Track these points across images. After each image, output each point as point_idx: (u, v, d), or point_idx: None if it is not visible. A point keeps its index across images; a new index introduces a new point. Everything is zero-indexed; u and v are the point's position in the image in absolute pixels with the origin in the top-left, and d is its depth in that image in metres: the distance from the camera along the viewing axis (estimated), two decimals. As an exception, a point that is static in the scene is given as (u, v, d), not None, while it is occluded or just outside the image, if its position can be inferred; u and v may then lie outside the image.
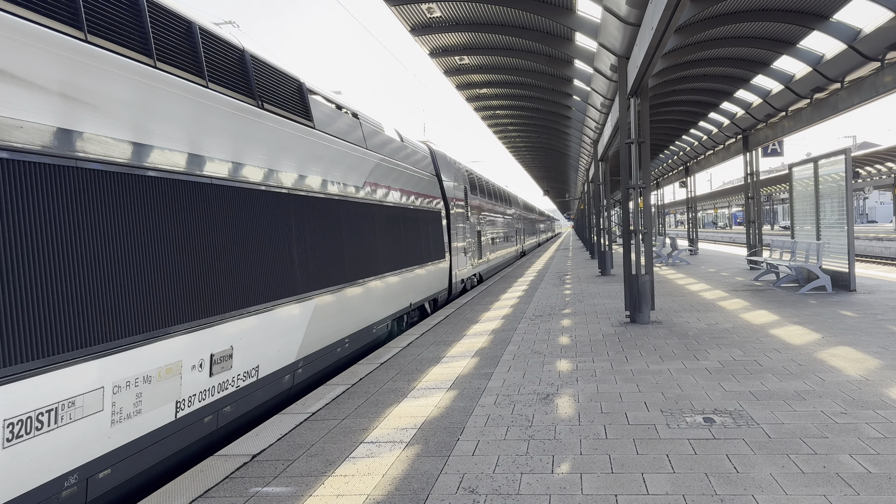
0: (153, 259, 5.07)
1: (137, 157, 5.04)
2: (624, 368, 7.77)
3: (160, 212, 5.23)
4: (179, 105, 5.70)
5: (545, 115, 24.70)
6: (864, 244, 40.66)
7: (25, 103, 4.03)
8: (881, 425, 5.25)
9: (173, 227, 5.37)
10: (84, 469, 4.28)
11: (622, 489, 4.24)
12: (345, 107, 10.56)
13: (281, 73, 8.25)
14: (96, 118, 4.66)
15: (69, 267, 4.21)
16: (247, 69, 7.28)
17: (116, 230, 4.71)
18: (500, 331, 11.00)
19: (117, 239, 4.71)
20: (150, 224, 5.09)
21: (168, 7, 5.99)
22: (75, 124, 4.43)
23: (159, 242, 5.18)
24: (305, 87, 8.91)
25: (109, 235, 4.63)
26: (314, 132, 8.69)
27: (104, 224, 4.58)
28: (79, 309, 4.26)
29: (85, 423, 4.29)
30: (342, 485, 4.54)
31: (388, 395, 7.02)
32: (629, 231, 11.92)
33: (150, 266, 5.05)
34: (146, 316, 4.94)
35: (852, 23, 12.66)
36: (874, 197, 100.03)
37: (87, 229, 4.41)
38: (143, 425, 4.92)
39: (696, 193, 34.35)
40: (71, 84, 4.46)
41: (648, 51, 9.22)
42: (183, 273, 5.44)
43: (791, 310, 11.83)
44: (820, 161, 15.22)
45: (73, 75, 4.51)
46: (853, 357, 7.78)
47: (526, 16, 13.60)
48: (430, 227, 14.79)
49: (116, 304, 4.61)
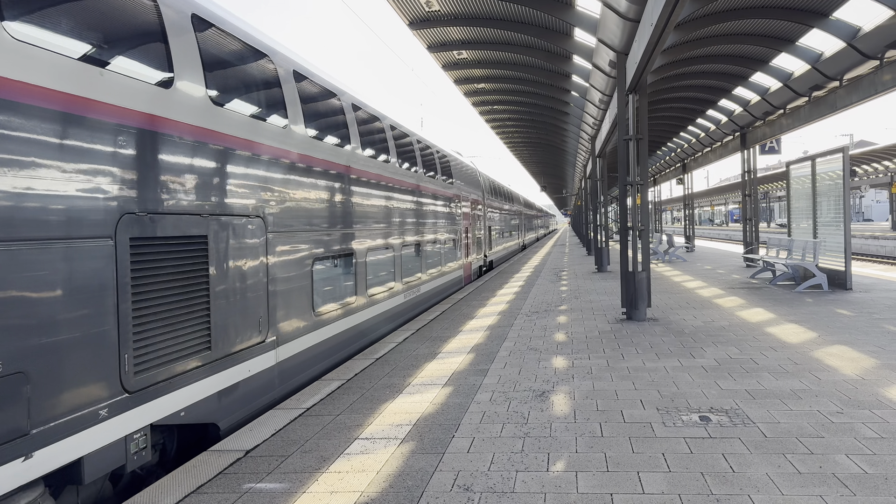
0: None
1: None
2: (620, 366, 7.75)
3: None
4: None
5: (543, 110, 24.65)
6: (860, 242, 40.74)
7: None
8: (877, 425, 5.24)
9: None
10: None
11: (617, 488, 4.22)
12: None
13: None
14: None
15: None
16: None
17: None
18: (497, 327, 10.98)
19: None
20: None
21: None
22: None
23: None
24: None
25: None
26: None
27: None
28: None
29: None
30: (336, 481, 4.51)
31: (383, 392, 6.99)
32: (626, 227, 11.89)
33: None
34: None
35: (852, 21, 12.63)
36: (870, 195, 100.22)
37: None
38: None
39: (693, 190, 34.35)
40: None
41: (648, 47, 9.18)
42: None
43: (787, 308, 11.83)
44: (817, 159, 15.22)
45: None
46: (849, 356, 7.78)
47: (525, 10, 13.54)
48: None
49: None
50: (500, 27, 14.33)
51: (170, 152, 5.15)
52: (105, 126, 4.51)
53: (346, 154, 9.36)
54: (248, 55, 6.82)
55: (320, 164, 8.38)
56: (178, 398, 5.16)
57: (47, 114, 4.02)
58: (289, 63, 7.82)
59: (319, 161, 8.34)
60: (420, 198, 13.98)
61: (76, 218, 4.24)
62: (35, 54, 3.95)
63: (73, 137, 4.23)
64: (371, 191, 10.51)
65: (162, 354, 4.99)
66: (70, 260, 4.16)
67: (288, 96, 7.59)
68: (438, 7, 13.42)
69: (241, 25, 6.91)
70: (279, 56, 7.60)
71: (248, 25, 7.17)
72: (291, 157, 7.47)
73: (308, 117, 8.04)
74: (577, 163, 39.38)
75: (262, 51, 7.17)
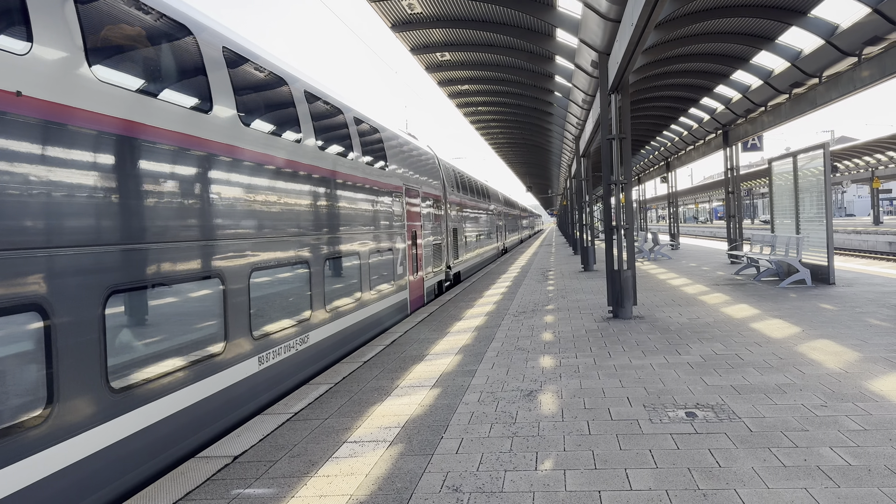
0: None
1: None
2: (607, 364, 7.79)
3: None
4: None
5: (527, 111, 24.73)
6: (842, 237, 41.18)
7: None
8: (860, 417, 5.30)
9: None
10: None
11: (605, 485, 4.24)
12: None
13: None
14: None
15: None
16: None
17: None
18: (484, 328, 10.99)
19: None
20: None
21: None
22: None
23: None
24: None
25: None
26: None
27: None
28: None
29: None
30: (325, 485, 4.51)
31: (371, 394, 6.98)
32: (611, 226, 11.95)
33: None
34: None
35: (830, 18, 12.78)
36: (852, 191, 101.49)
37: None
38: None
39: (677, 188, 34.58)
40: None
41: (629, 47, 9.24)
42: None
43: (771, 303, 11.94)
44: (799, 156, 15.37)
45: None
46: (833, 350, 7.86)
47: (506, 12, 13.58)
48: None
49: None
50: (483, 28, 14.36)
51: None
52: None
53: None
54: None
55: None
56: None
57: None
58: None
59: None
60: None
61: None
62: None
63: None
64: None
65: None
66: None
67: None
68: (420, 9, 13.42)
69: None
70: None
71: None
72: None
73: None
74: (563, 163, 39.53)
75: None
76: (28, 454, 4.02)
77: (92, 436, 4.54)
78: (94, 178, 4.74)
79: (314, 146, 8.96)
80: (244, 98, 7.18)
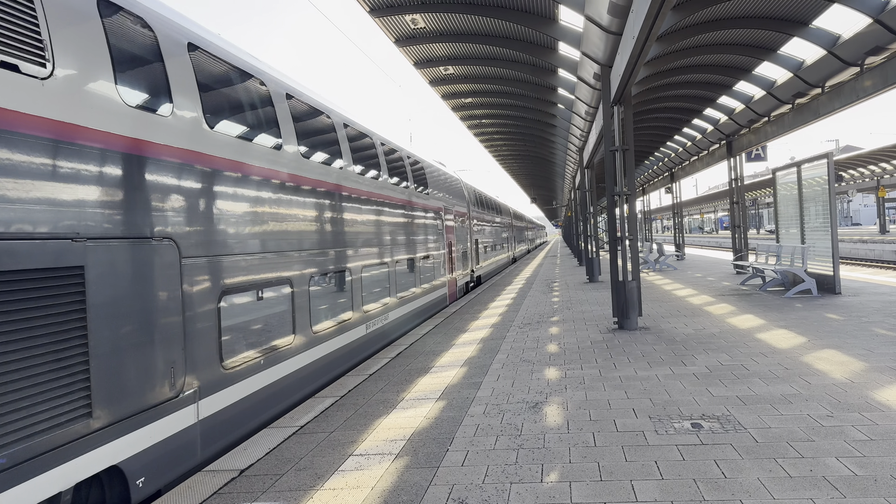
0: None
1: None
2: (612, 375, 7.79)
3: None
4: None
5: (531, 123, 24.83)
6: (848, 247, 41.06)
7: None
8: (867, 428, 5.29)
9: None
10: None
11: (611, 497, 4.24)
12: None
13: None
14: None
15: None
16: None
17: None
18: (489, 339, 11.00)
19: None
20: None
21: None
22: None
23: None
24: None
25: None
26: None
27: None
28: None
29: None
30: (331, 498, 4.52)
31: (376, 407, 6.99)
32: (616, 237, 11.97)
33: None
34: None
35: (832, 29, 12.85)
36: (858, 199, 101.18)
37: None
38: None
39: (681, 199, 34.57)
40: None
41: (630, 59, 9.30)
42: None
43: (777, 314, 11.92)
44: (803, 165, 15.38)
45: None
46: (839, 360, 7.84)
47: (509, 26, 13.69)
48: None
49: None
50: (485, 42, 14.47)
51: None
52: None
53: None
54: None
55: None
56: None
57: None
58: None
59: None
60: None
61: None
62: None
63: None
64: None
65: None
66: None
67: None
68: (423, 24, 13.55)
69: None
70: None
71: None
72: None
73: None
74: (566, 174, 39.61)
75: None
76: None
77: (308, 355, 8.06)
78: (258, 212, 6.92)
79: (402, 184, 13.56)
80: (355, 154, 10.66)
